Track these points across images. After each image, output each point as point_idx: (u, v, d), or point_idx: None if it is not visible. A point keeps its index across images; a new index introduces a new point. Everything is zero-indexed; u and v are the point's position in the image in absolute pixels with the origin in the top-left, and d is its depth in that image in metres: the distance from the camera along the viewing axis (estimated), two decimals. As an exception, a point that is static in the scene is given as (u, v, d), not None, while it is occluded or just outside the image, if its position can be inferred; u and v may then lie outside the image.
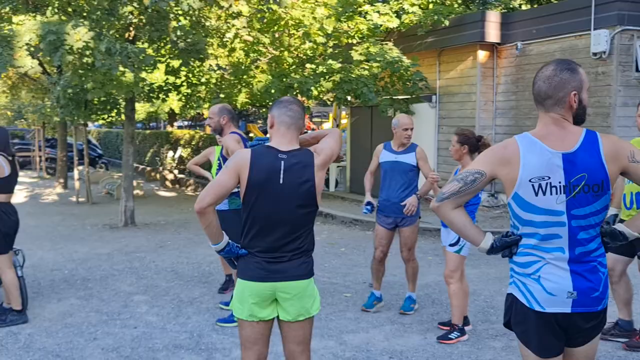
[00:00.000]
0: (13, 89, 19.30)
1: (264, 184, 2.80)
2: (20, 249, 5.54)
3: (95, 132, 30.32)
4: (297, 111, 2.92)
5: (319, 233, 9.54)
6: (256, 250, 2.85)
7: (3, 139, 5.13)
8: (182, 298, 5.82)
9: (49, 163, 21.02)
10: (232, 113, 5.09)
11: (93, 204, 13.50)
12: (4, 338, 4.67)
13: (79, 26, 7.89)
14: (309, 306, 2.89)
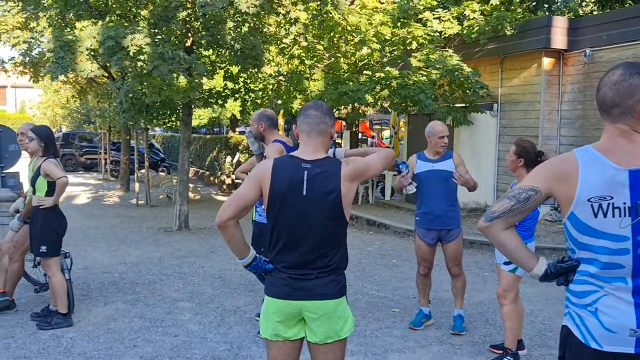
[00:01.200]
0: (81, 93, 20.02)
1: (286, 196, 2.63)
2: (69, 252, 5.59)
3: (160, 137, 31.10)
4: (315, 116, 2.72)
5: (371, 243, 9.31)
6: (282, 265, 2.67)
7: (52, 141, 5.17)
8: (226, 306, 5.73)
9: (113, 166, 21.67)
10: (272, 119, 4.82)
11: (152, 206, 13.75)
12: (47, 341, 4.69)
13: (135, 32, 8.01)
14: (339, 328, 2.68)
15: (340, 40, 11.48)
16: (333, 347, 2.69)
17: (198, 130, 31.38)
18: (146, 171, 14.42)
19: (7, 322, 5.12)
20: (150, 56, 8.11)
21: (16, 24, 11.94)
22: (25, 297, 5.82)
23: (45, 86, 27.86)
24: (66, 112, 30.34)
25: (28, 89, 50.64)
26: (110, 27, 8.51)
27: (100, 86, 17.56)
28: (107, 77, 15.80)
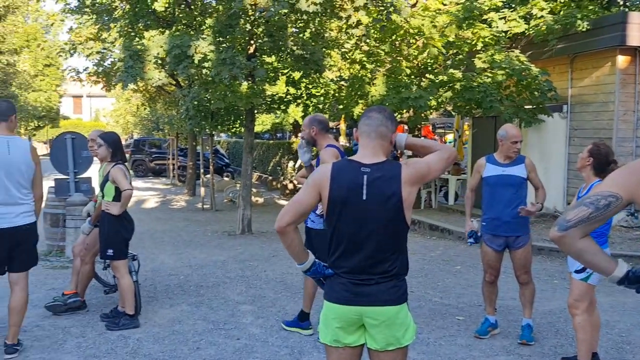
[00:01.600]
0: (151, 101, 20.72)
1: (345, 201, 2.58)
2: (137, 255, 5.75)
3: (225, 142, 31.77)
4: (377, 118, 2.66)
5: (434, 249, 9.13)
6: (342, 270, 2.63)
7: (119, 147, 5.33)
8: (287, 310, 5.74)
9: (181, 171, 22.29)
10: (324, 123, 4.83)
11: (216, 211, 14.02)
12: (115, 341, 4.83)
13: (200, 40, 8.20)
14: (400, 335, 2.61)
15: (403, 44, 11.36)
16: (394, 354, 2.62)
17: (261, 136, 31.87)
18: (211, 176, 14.73)
19: (79, 322, 5.31)
20: (213, 62, 8.28)
21: (89, 36, 12.49)
22: (95, 299, 6.02)
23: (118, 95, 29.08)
24: (137, 119, 31.53)
25: (102, 98, 52.98)
26: (176, 36, 8.75)
27: (169, 94, 18.11)
28: (174, 85, 16.28)
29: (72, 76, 17.20)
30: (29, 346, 4.67)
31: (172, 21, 10.24)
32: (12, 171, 4.33)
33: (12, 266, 4.45)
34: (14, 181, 4.35)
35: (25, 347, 4.62)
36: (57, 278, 6.94)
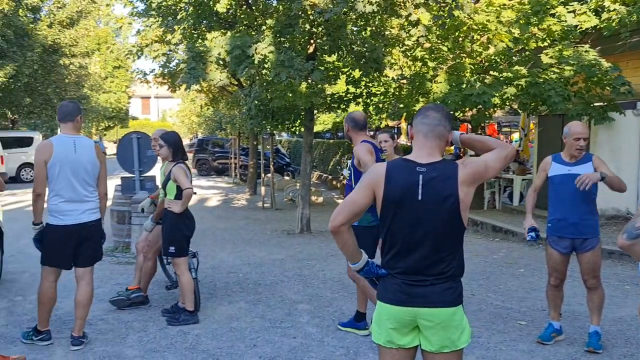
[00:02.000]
0: (214, 101, 21.14)
1: (401, 201, 2.53)
2: (197, 252, 5.86)
3: (286, 142, 32.08)
4: (435, 117, 2.59)
5: (497, 251, 8.87)
6: (396, 271, 2.59)
7: (179, 146, 5.44)
8: (344, 310, 5.71)
9: (242, 170, 22.65)
10: (356, 121, 4.87)
11: (276, 209, 14.15)
12: (175, 337, 4.93)
13: (260, 41, 8.28)
14: (455, 338, 2.55)
15: (466, 40, 11.10)
16: (449, 357, 2.57)
17: (322, 135, 31.99)
18: (272, 175, 14.88)
19: (141, 317, 5.45)
20: (273, 63, 8.35)
21: (155, 38, 12.86)
22: (157, 294, 6.18)
23: (183, 96, 29.89)
24: (201, 119, 32.32)
25: (168, 99, 54.64)
26: (237, 37, 8.87)
27: (231, 94, 18.42)
28: (236, 85, 16.55)
29: (139, 78, 17.78)
30: (94, 339, 4.83)
31: (234, 22, 10.39)
32: (78, 169, 4.50)
33: (78, 261, 4.62)
34: (80, 179, 4.51)
35: (90, 339, 4.78)
36: (122, 273, 7.16)
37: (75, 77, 26.17)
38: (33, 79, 22.51)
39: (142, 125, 51.12)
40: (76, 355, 4.49)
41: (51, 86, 23.97)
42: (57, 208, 4.48)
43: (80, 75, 26.90)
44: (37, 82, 23.21)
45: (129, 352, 4.58)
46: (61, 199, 4.47)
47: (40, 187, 4.49)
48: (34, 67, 21.19)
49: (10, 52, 19.26)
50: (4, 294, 6.19)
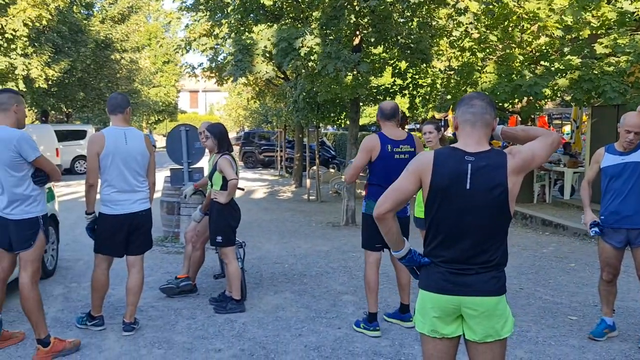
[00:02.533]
0: (260, 94, 21.33)
1: (448, 190, 2.52)
2: (244, 242, 5.94)
3: (331, 135, 32.10)
4: (481, 106, 2.57)
5: (546, 245, 8.67)
6: (440, 260, 2.58)
7: (225, 138, 5.51)
8: (389, 302, 5.69)
9: (288, 163, 22.80)
10: (382, 110, 4.86)
11: (322, 202, 14.20)
12: (222, 325, 5.03)
13: (306, 33, 8.29)
14: (499, 327, 2.54)
15: (515, 30, 10.84)
16: (493, 346, 2.55)
17: (368, 128, 31.83)
18: (317, 168, 14.92)
19: (190, 305, 5.58)
20: (319, 55, 8.35)
21: (203, 32, 13.05)
22: (205, 283, 6.30)
23: (230, 89, 30.25)
24: (247, 112, 32.65)
25: (216, 93, 55.43)
26: (283, 30, 8.91)
27: (277, 87, 18.54)
28: (282, 79, 16.65)
29: (188, 72, 18.09)
30: (145, 325, 4.97)
31: (280, 15, 10.44)
32: (129, 160, 4.62)
33: (130, 249, 4.76)
34: (131, 170, 4.64)
35: (141, 325, 4.92)
36: (171, 262, 7.33)
37: (126, 71, 26.83)
38: (86, 74, 23.21)
39: (190, 118, 52.05)
40: (128, 340, 4.63)
41: (103, 80, 24.67)
42: (110, 198, 4.62)
43: (131, 69, 27.56)
44: (90, 77, 23.92)
45: (178, 338, 4.70)
46: (113, 189, 4.61)
47: (92, 178, 4.63)
48: (87, 62, 21.83)
49: (65, 48, 19.90)
50: (59, 281, 6.43)
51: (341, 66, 8.32)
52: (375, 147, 4.72)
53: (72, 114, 29.43)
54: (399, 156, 4.69)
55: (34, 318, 4.21)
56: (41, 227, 4.25)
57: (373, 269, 4.88)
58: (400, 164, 2.72)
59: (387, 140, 4.74)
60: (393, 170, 4.25)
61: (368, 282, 4.88)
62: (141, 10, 26.81)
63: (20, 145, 4.04)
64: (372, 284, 4.86)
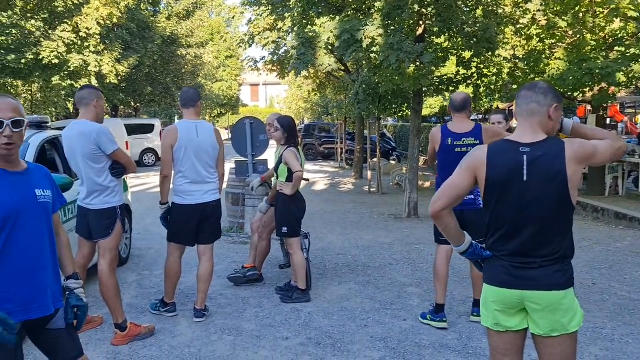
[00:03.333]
0: (321, 87, 21.41)
1: (505, 183, 2.48)
2: (308, 233, 6.00)
3: (391, 127, 31.87)
4: (526, 95, 2.53)
5: (621, 239, 8.33)
6: (502, 253, 2.55)
7: (293, 131, 5.57)
8: (454, 296, 5.63)
9: (348, 155, 22.80)
10: (451, 101, 4.80)
11: (383, 194, 14.14)
12: (289, 314, 5.11)
13: (369, 24, 8.25)
14: (566, 322, 2.47)
15: (587, 15, 10.42)
16: (560, 340, 2.49)
17: (429, 119, 31.40)
18: (378, 160, 14.86)
19: (257, 294, 5.70)
20: (382, 47, 8.30)
21: (266, 26, 13.22)
22: (271, 273, 6.41)
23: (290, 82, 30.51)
24: (308, 105, 32.84)
25: (276, 86, 56.00)
26: (346, 21, 8.90)
27: (338, 79, 18.57)
28: (343, 71, 16.65)
29: (250, 66, 18.38)
30: (214, 312, 5.12)
31: (342, 6, 10.44)
32: (200, 153, 4.76)
33: (201, 239, 4.90)
34: (202, 162, 4.77)
35: (211, 313, 5.07)
36: (237, 252, 7.50)
37: (191, 66, 27.51)
38: (153, 69, 23.96)
39: (252, 111, 52.85)
40: (199, 326, 4.79)
41: (170, 76, 25.39)
42: (182, 189, 4.77)
43: (196, 64, 28.23)
44: (157, 72, 24.67)
45: (246, 325, 4.81)
46: (186, 180, 4.76)
47: (166, 170, 4.78)
48: (154, 58, 22.52)
49: (133, 45, 20.59)
50: (133, 269, 6.70)
51: (404, 57, 8.25)
52: (437, 140, 4.71)
53: (140, 109, 30.44)
54: (460, 149, 4.61)
55: (112, 304, 4.42)
56: (118, 216, 4.44)
57: (443, 260, 4.84)
58: (461, 158, 2.69)
59: (449, 133, 4.69)
60: (453, 164, 4.23)
61: (437, 273, 4.85)
62: (205, 6, 27.39)
63: (99, 138, 4.23)
64: (441, 274, 4.82)
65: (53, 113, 24.83)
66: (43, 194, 2.55)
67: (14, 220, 2.39)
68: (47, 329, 2.60)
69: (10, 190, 2.42)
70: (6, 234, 2.38)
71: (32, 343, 2.66)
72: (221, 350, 4.32)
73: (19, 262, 2.42)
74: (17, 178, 2.48)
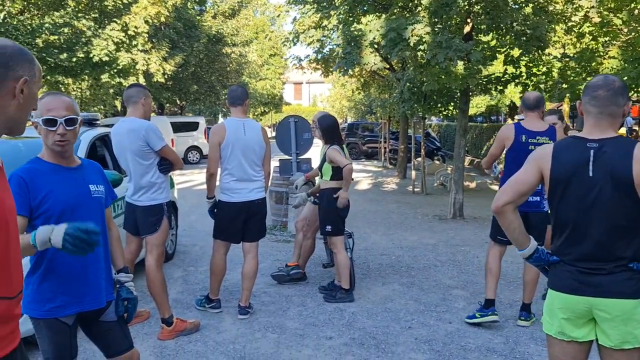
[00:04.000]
0: (365, 86, 21.33)
1: (569, 179, 2.39)
2: (352, 232, 5.97)
3: (436, 126, 31.52)
4: (605, 97, 2.39)
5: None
6: (568, 257, 2.43)
7: (334, 130, 5.54)
8: (501, 299, 5.50)
9: (392, 154, 22.65)
10: (524, 100, 4.77)
11: (427, 194, 13.97)
12: (332, 313, 5.09)
13: (416, 22, 8.15)
14: (639, 333, 2.32)
15: (644, 11, 10.05)
16: (631, 354, 2.34)
17: (474, 119, 30.93)
18: (422, 159, 14.69)
19: (300, 292, 5.70)
20: (429, 45, 8.18)
21: (311, 24, 13.22)
22: (314, 272, 6.41)
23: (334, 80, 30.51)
24: (351, 104, 32.81)
25: (319, 84, 56.13)
26: (392, 20, 8.81)
27: (382, 78, 18.46)
28: (388, 69, 16.52)
29: (294, 64, 18.44)
30: (258, 310, 5.15)
31: (388, 4, 10.35)
32: (247, 151, 4.78)
33: (246, 236, 4.93)
34: (249, 160, 4.80)
35: (255, 310, 5.10)
36: (280, 250, 7.53)
37: (235, 65, 27.82)
38: (199, 68, 24.32)
39: (295, 110, 53.09)
40: (243, 323, 4.82)
41: (214, 74, 25.74)
42: (229, 186, 4.81)
43: (240, 63, 28.53)
44: (203, 71, 25.04)
45: (290, 324, 4.82)
46: (232, 177, 4.79)
47: (213, 167, 4.83)
48: (200, 57, 22.86)
49: (180, 43, 20.95)
50: (178, 264, 6.81)
51: (453, 55, 8.11)
52: (509, 137, 4.63)
53: (185, 107, 30.96)
54: (533, 147, 4.51)
55: (159, 299, 4.49)
56: (165, 213, 4.50)
57: (496, 257, 4.81)
58: None
59: (523, 130, 4.63)
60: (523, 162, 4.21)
61: (490, 268, 4.80)
62: (250, 5, 27.66)
63: (148, 135, 4.30)
64: (494, 269, 4.79)
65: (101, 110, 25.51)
66: (97, 189, 2.60)
67: (69, 214, 2.44)
68: (100, 321, 2.66)
69: (66, 186, 2.48)
70: None
71: (85, 334, 2.72)
72: (265, 347, 4.33)
73: (74, 256, 2.48)
74: (72, 174, 2.54)
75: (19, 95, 1.65)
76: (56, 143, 2.46)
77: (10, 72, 1.63)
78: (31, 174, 2.43)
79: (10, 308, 1.69)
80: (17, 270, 1.74)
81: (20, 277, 1.76)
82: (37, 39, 13.39)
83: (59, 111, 2.45)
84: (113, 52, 16.25)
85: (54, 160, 2.51)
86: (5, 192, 1.71)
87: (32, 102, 1.72)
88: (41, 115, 2.44)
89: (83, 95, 20.48)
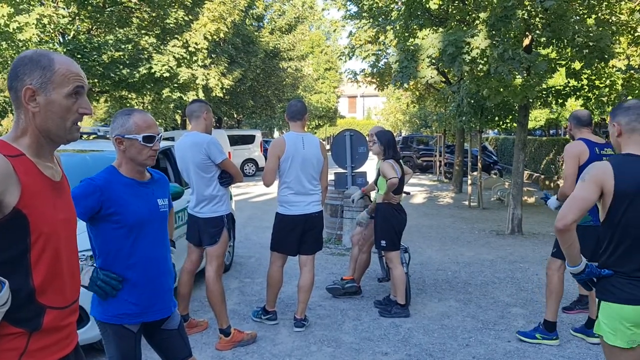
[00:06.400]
0: (420, 99, 21.20)
1: (635, 195, 2.46)
2: (408, 247, 5.94)
3: (493, 139, 30.93)
4: None
5: None
6: (627, 269, 2.50)
7: (391, 144, 5.54)
8: (562, 318, 5.34)
9: (447, 168, 22.36)
10: (578, 117, 4.76)
11: (483, 209, 13.72)
12: (388, 328, 5.07)
13: (475, 35, 8.06)
14: None
15: None
16: None
17: (533, 132, 30.17)
18: (479, 173, 14.46)
19: (355, 306, 5.70)
20: (490, 58, 8.08)
21: (367, 39, 13.29)
22: (369, 286, 6.40)
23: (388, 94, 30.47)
24: (406, 117, 32.63)
25: (373, 98, 56.13)
26: (450, 33, 8.76)
27: (438, 91, 18.30)
28: (444, 82, 16.39)
29: (349, 78, 18.55)
30: (313, 323, 5.18)
31: (445, 18, 10.30)
32: (305, 165, 4.85)
33: (303, 249, 4.98)
34: (307, 173, 4.86)
35: (310, 323, 5.13)
36: (335, 264, 7.55)
37: (291, 79, 28.19)
38: (256, 82, 24.78)
39: (349, 123, 53.19)
40: (299, 336, 4.85)
41: (271, 88, 26.15)
42: (287, 199, 4.88)
43: (296, 77, 28.89)
44: (259, 85, 25.49)
45: (345, 338, 4.82)
46: (290, 190, 4.86)
47: (268, 179, 4.88)
48: (257, 72, 23.29)
49: (238, 59, 21.41)
50: (235, 276, 6.92)
51: (517, 67, 7.98)
52: (584, 152, 4.53)
53: (242, 120, 31.54)
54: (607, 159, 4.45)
55: (217, 309, 4.58)
56: (225, 225, 4.61)
57: (561, 278, 4.71)
58: None
59: (593, 144, 4.57)
60: None
61: (552, 290, 4.71)
62: (306, 20, 28.03)
63: (209, 149, 4.43)
64: (560, 290, 4.69)
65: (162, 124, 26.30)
66: (163, 203, 2.70)
67: (139, 228, 2.55)
68: (162, 329, 2.75)
69: (139, 201, 2.59)
70: (132, 241, 2.54)
71: (146, 340, 2.81)
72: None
73: (143, 268, 2.58)
74: (144, 189, 2.65)
75: (27, 105, 1.62)
76: (150, 158, 2.59)
77: (19, 83, 1.63)
78: (108, 184, 2.55)
79: (58, 318, 1.66)
80: (73, 279, 1.73)
81: (76, 287, 1.76)
82: (103, 55, 13.97)
83: (154, 128, 2.61)
84: (174, 68, 16.77)
85: (130, 175, 2.63)
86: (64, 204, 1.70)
87: (57, 108, 1.64)
88: (137, 132, 2.56)
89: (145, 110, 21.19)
